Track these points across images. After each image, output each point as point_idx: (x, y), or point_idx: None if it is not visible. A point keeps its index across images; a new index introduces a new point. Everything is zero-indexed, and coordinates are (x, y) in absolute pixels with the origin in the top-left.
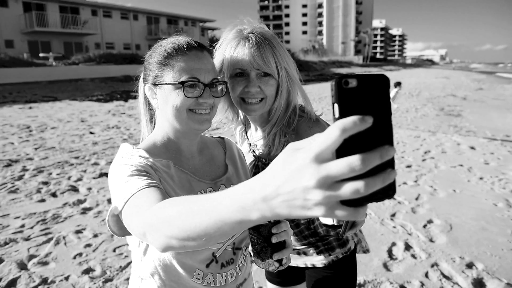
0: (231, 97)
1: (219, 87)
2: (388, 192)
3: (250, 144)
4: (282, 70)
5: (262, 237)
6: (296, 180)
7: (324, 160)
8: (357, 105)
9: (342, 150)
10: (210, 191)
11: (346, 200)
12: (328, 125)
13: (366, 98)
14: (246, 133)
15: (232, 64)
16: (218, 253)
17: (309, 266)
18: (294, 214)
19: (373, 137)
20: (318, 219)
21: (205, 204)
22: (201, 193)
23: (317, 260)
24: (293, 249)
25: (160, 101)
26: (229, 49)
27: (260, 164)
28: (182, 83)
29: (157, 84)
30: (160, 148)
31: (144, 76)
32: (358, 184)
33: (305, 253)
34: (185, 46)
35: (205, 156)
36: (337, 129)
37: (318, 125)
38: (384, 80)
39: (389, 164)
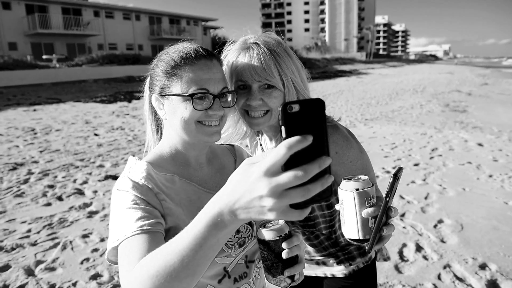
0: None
1: (229, 97)
2: (326, 194)
3: None
4: (288, 80)
5: (273, 252)
6: (252, 191)
7: (274, 173)
8: (300, 126)
9: (289, 163)
10: None
11: (293, 204)
12: (348, 130)
13: (307, 119)
14: (261, 144)
15: (234, 77)
16: (230, 268)
17: (329, 276)
18: (253, 218)
19: (313, 150)
20: (342, 234)
21: (177, 238)
22: None
23: (337, 270)
24: (312, 260)
25: (167, 112)
26: (232, 58)
27: None
28: (191, 95)
29: (164, 95)
30: (166, 160)
31: (150, 85)
32: (303, 190)
33: (325, 263)
34: (193, 55)
35: (214, 166)
36: (284, 148)
37: (338, 132)
38: (321, 103)
39: (327, 171)
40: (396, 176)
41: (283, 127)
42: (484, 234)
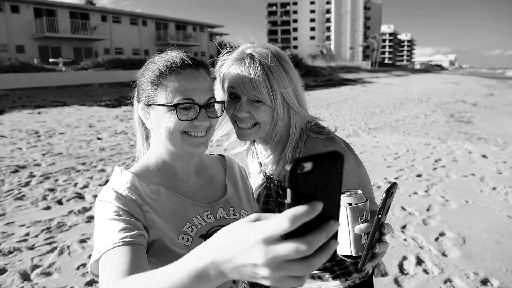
0: None
1: (216, 107)
2: (329, 258)
3: (260, 164)
4: (277, 96)
5: None
6: (247, 257)
7: (272, 242)
8: (310, 188)
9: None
10: (207, 215)
11: None
12: (345, 142)
13: (320, 179)
14: (257, 154)
15: (226, 85)
16: None
17: None
18: (244, 279)
19: (321, 215)
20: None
21: (157, 275)
22: (197, 218)
23: (333, 285)
24: None
25: (153, 122)
26: (225, 68)
27: (272, 185)
28: (176, 105)
29: (150, 105)
30: (153, 171)
31: (137, 94)
32: (305, 265)
33: (320, 278)
34: (178, 64)
35: (203, 177)
36: (286, 221)
37: (334, 144)
38: (338, 157)
39: (333, 236)
40: (389, 192)
41: (289, 190)
42: (486, 248)
